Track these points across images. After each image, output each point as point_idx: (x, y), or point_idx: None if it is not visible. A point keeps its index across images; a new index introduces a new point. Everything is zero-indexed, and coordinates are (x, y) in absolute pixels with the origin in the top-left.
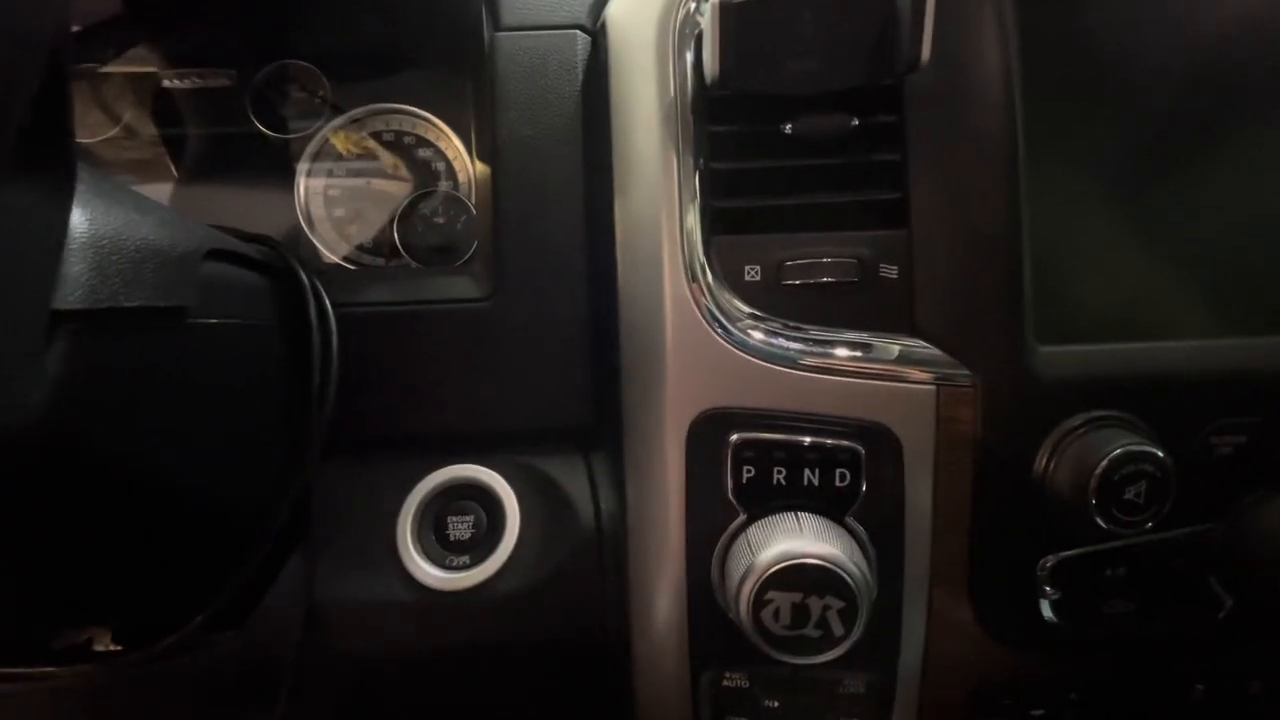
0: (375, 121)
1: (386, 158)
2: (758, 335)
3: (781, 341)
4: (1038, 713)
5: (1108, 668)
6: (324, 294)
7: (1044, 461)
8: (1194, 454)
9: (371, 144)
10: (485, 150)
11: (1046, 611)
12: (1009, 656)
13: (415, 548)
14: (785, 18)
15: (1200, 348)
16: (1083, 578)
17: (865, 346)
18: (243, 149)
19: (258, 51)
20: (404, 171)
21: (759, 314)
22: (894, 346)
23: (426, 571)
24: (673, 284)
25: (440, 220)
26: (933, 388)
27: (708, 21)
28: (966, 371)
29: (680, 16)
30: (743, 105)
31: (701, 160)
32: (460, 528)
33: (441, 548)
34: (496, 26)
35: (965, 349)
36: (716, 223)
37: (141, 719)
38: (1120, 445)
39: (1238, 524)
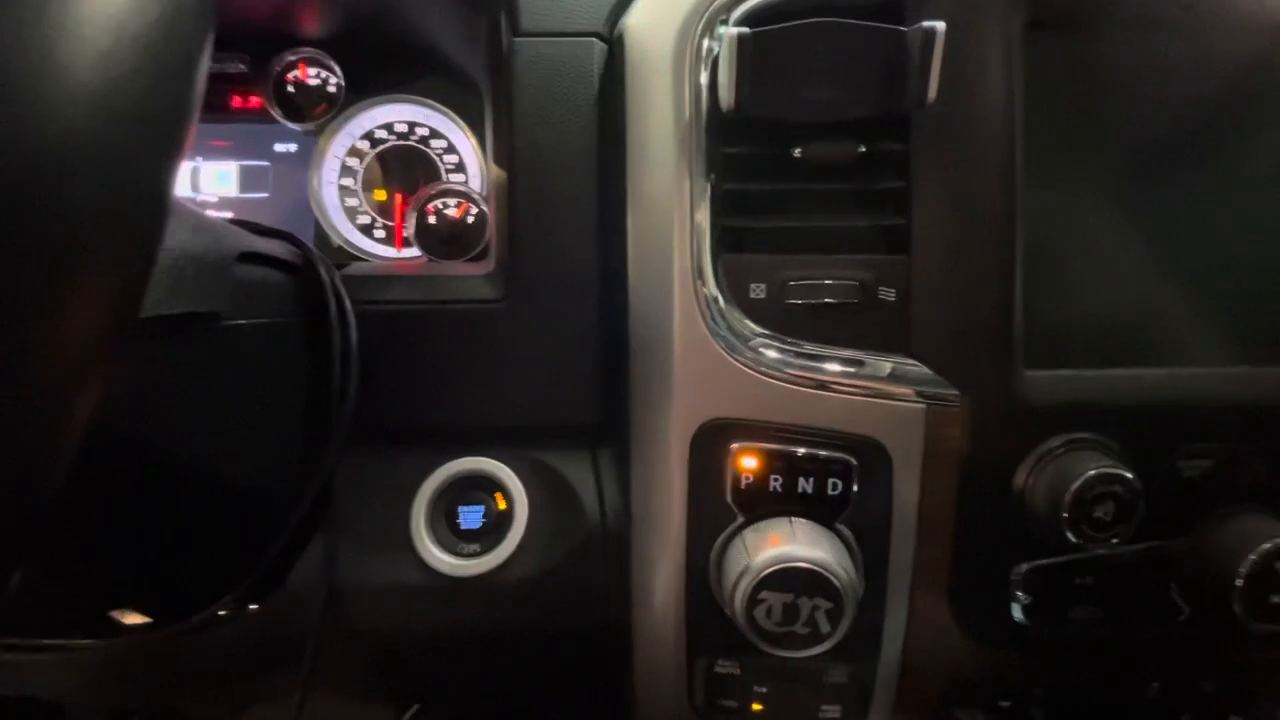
0: (389, 112)
1: (400, 149)
2: (761, 351)
3: (783, 357)
4: (1005, 704)
5: (1073, 666)
6: (344, 292)
7: (1024, 478)
8: (1163, 476)
9: (385, 135)
10: (502, 154)
11: (1018, 614)
12: (982, 654)
13: (429, 535)
14: (800, 49)
15: (1173, 376)
16: (1053, 584)
17: (861, 364)
18: (253, 140)
19: (271, 37)
20: (417, 164)
21: (763, 331)
22: (888, 365)
23: (439, 558)
24: (681, 299)
25: (451, 213)
26: (923, 406)
27: (724, 51)
28: (956, 392)
29: (697, 35)
30: (754, 128)
31: (713, 178)
32: (471, 517)
33: (454, 535)
34: (515, 32)
35: (957, 371)
36: (725, 240)
37: (172, 685)
38: (1093, 467)
39: (1198, 541)
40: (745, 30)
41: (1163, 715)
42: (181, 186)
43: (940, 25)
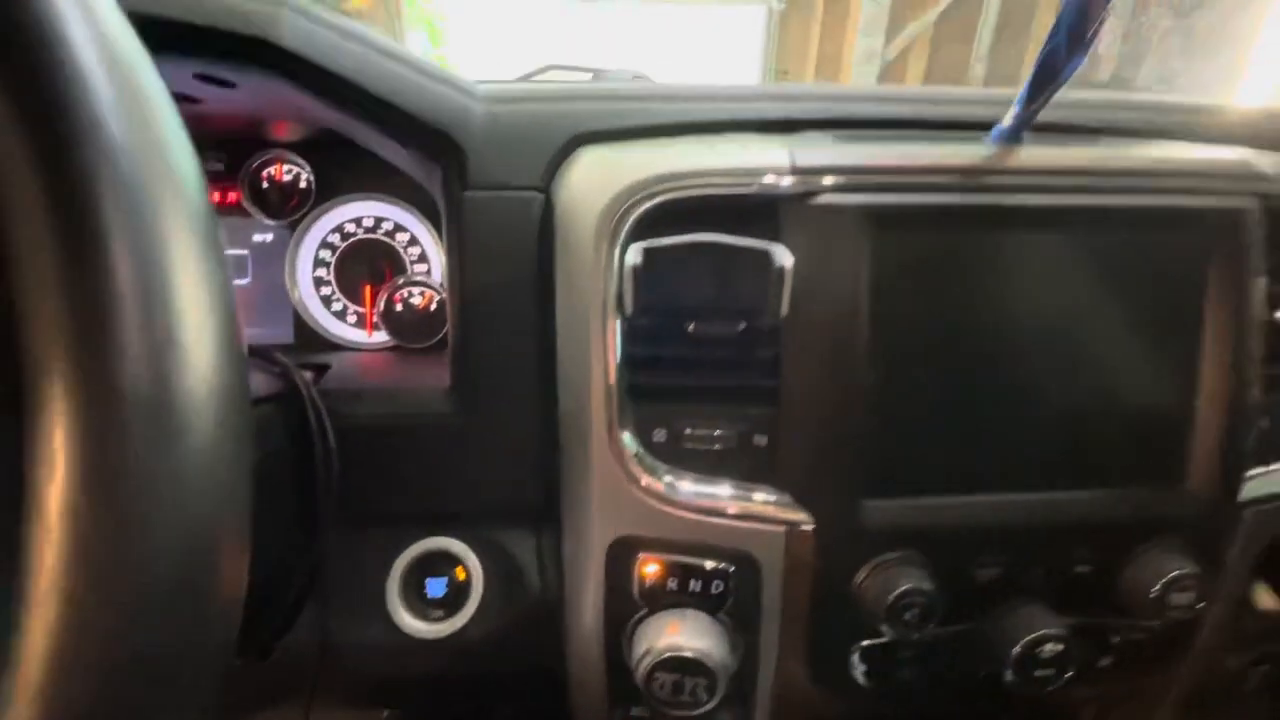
0: (358, 208)
1: (368, 242)
2: (662, 484)
3: (679, 489)
4: None
5: (905, 708)
6: (323, 407)
7: (861, 579)
8: (964, 578)
9: (354, 229)
10: (454, 290)
11: (859, 677)
12: (834, 703)
13: (401, 603)
14: (685, 262)
15: (974, 503)
16: (883, 656)
17: (738, 497)
18: (233, 231)
19: (247, 140)
20: (384, 255)
21: (664, 467)
22: (759, 497)
23: (409, 623)
24: (598, 440)
25: (416, 302)
26: (784, 529)
27: (627, 273)
28: (810, 517)
29: (612, 226)
30: (655, 308)
31: (622, 342)
32: (436, 586)
33: (421, 603)
34: (464, 187)
35: (811, 502)
36: (633, 392)
37: None
38: (905, 583)
39: (987, 627)
40: (638, 261)
41: None
42: None
43: (789, 262)
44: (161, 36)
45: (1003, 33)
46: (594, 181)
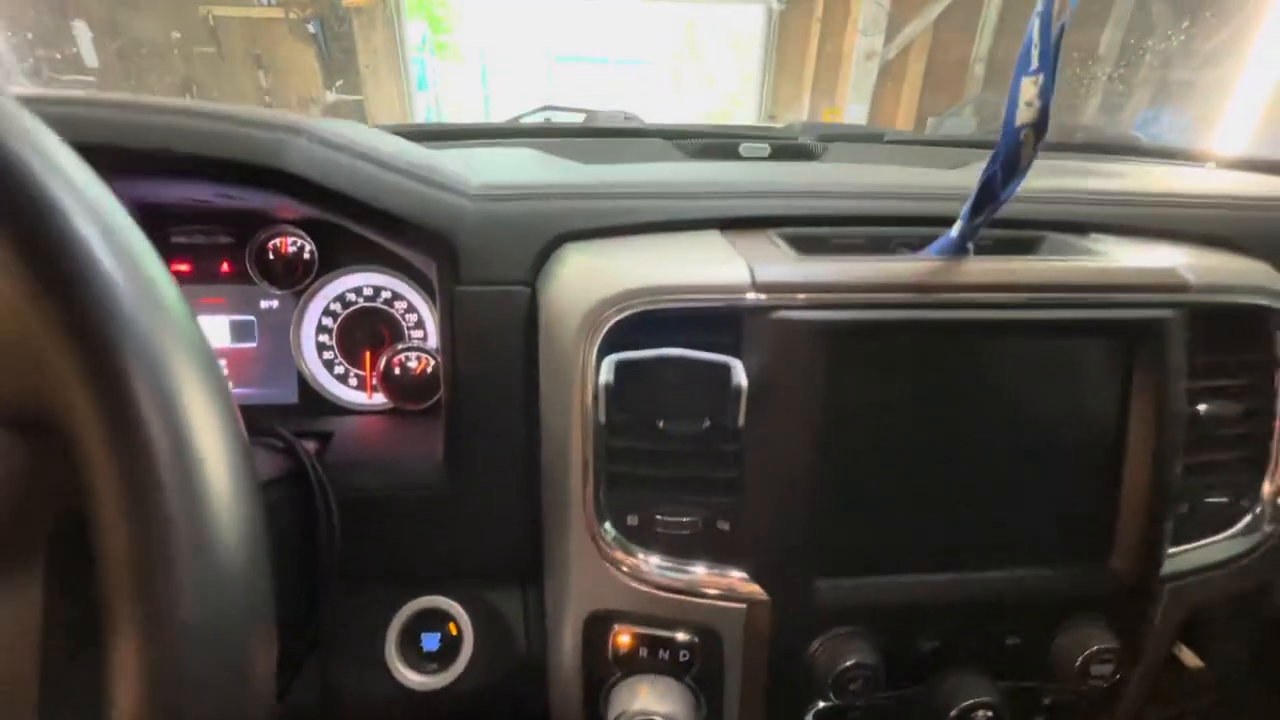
0: (358, 279)
1: (368, 310)
2: (634, 564)
3: (651, 569)
4: None
5: None
6: (328, 488)
7: (814, 650)
8: (907, 648)
9: (354, 298)
10: (448, 370)
11: None
12: None
13: (398, 657)
14: (655, 378)
15: (916, 581)
16: (835, 717)
17: (704, 576)
18: (241, 298)
19: (254, 217)
20: (383, 322)
21: (637, 549)
22: (722, 577)
23: (406, 676)
24: (576, 523)
25: (413, 366)
26: (744, 605)
27: (601, 388)
28: (767, 596)
29: (589, 334)
30: (629, 405)
31: (599, 434)
32: (430, 641)
33: (417, 657)
34: (457, 281)
35: (769, 581)
36: (609, 480)
37: None
38: (851, 658)
39: (928, 692)
40: (610, 378)
41: None
42: None
43: (744, 382)
44: (181, 168)
45: (1002, 33)
46: (574, 286)
